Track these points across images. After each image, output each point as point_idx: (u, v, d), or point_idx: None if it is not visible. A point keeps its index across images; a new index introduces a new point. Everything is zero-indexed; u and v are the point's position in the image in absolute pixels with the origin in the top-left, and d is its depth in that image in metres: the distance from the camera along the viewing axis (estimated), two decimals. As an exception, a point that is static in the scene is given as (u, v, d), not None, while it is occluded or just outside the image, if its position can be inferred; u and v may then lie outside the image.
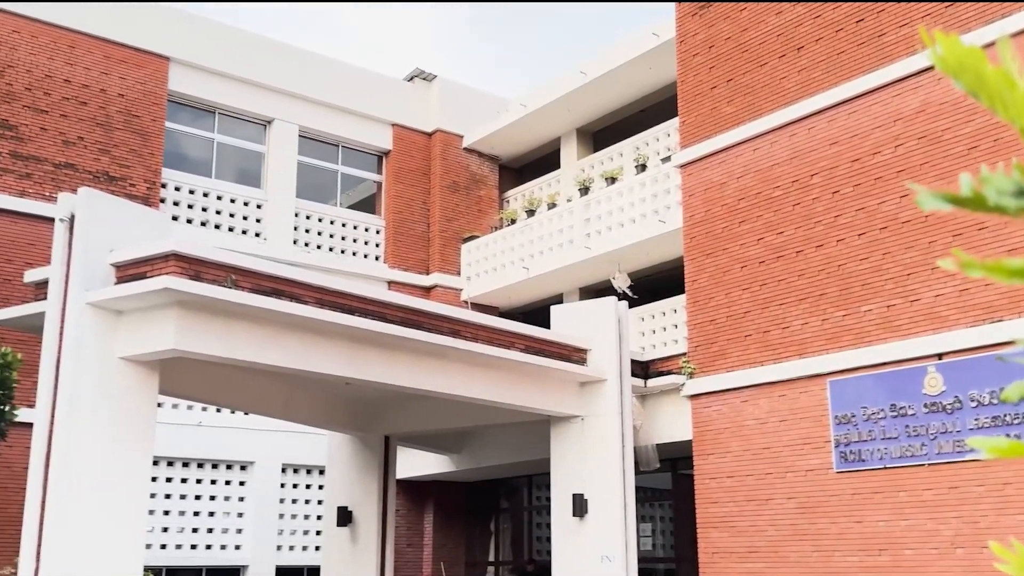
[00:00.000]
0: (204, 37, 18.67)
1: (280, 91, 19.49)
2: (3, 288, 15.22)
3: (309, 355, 10.56)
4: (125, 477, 9.53)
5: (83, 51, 17.16)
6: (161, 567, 16.66)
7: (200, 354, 9.83)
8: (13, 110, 16.23)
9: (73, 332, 9.37)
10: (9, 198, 15.94)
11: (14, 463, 14.06)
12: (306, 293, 10.32)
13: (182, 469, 17.69)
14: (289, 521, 18.78)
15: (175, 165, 18.26)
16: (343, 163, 20.77)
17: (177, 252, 9.33)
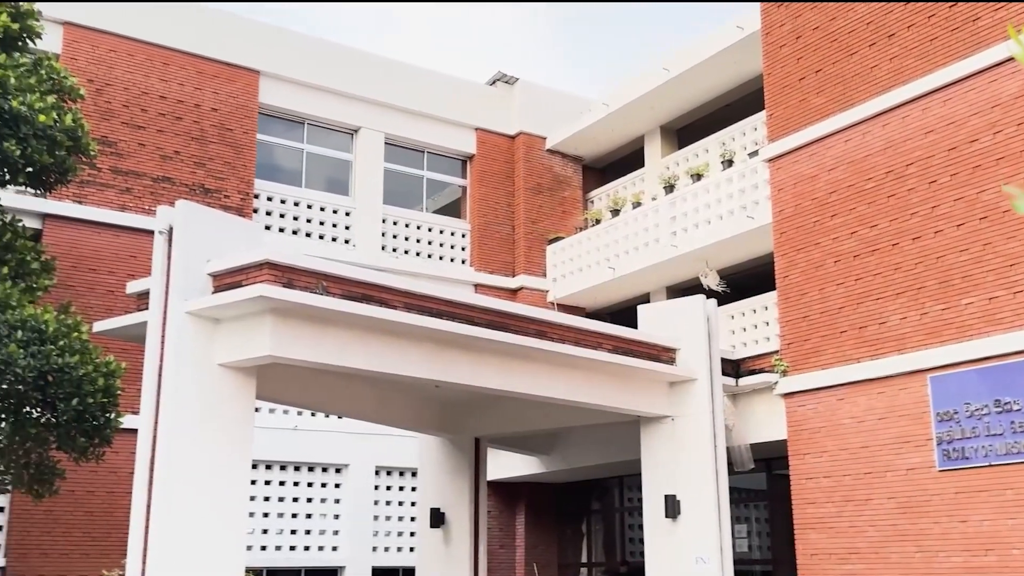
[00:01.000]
0: (292, 50, 19.10)
1: (366, 100, 19.82)
2: (107, 299, 15.82)
3: (398, 359, 10.70)
4: (226, 480, 9.79)
5: (177, 67, 17.73)
6: (262, 568, 17.08)
7: (294, 360, 10.05)
8: (112, 127, 16.86)
9: (173, 340, 9.67)
10: (111, 212, 16.56)
11: (120, 468, 14.60)
12: (394, 298, 10.46)
13: (279, 472, 18.12)
14: (384, 523, 19.05)
15: (267, 176, 18.73)
16: (428, 168, 21.00)
17: (270, 260, 9.55)
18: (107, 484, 15.38)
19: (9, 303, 10.75)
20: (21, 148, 11.01)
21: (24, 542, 15.03)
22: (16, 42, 11.99)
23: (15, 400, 10.85)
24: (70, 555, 15.22)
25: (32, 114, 10.99)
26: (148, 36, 17.49)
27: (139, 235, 16.02)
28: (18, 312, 10.69)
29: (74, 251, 16.04)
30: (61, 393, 10.68)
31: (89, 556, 15.16)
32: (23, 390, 10.60)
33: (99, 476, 14.94)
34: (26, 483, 11.95)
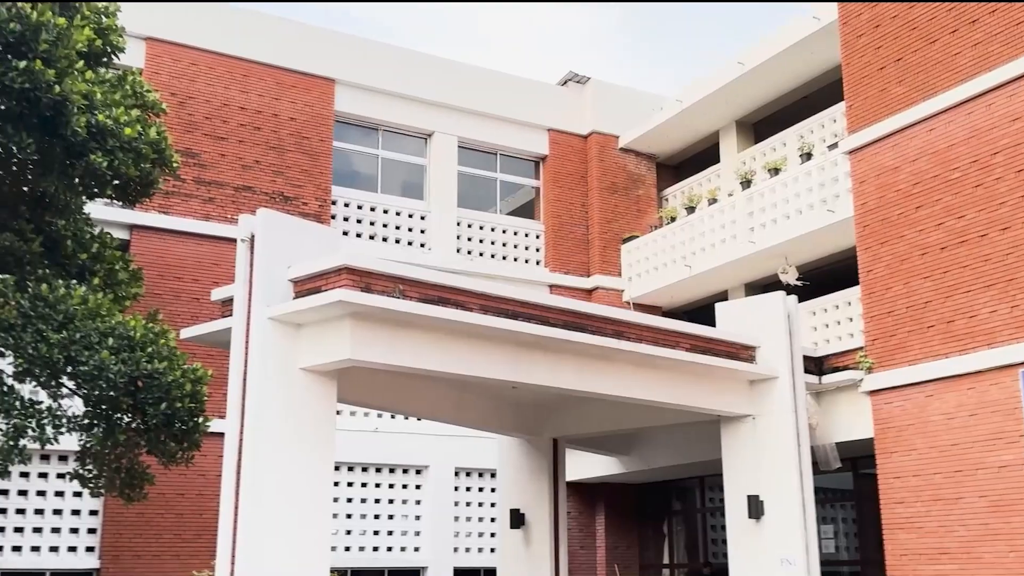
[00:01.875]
0: (366, 58, 19.37)
1: (439, 104, 19.98)
2: (192, 306, 16.25)
3: (475, 361, 10.75)
4: (310, 482, 9.95)
5: (256, 79, 18.14)
6: (346, 568, 17.34)
7: (373, 363, 10.17)
8: (195, 139, 17.32)
9: (257, 345, 9.87)
10: (195, 222, 17.02)
11: (208, 471, 14.98)
12: (470, 300, 10.51)
13: (361, 474, 18.37)
14: (464, 523, 19.17)
15: (343, 182, 19.03)
16: (501, 171, 21.07)
17: (348, 266, 9.69)
18: (196, 487, 15.79)
19: (99, 312, 11.11)
20: (108, 160, 11.37)
21: (117, 544, 15.53)
22: (101, 57, 12.39)
23: (107, 406, 11.21)
24: (161, 557, 15.67)
25: (118, 127, 11.34)
26: (228, 49, 17.93)
27: (222, 243, 16.41)
28: (108, 320, 11.04)
29: (160, 260, 16.51)
30: (150, 398, 10.99)
31: (179, 557, 15.58)
32: (114, 396, 10.95)
33: (188, 479, 15.35)
34: (118, 487, 12.33)
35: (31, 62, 10.26)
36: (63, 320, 10.79)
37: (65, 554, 15.47)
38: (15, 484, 15.35)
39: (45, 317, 10.71)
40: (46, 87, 10.36)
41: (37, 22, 10.35)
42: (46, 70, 10.33)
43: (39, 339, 10.55)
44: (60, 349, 10.58)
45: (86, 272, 12.61)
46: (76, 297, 11.03)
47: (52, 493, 15.60)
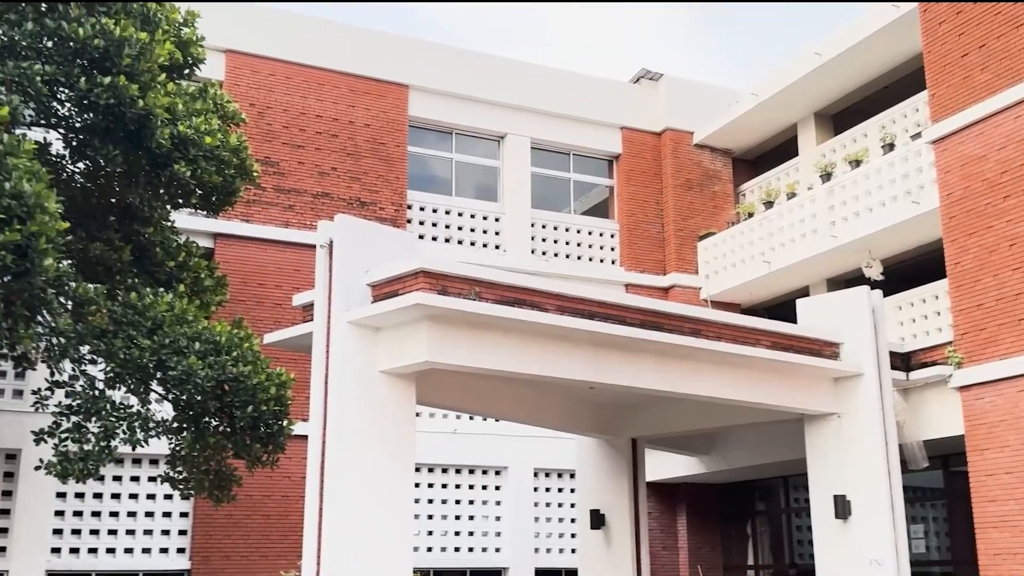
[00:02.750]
0: (438, 62, 19.53)
1: (511, 106, 20.04)
2: (275, 312, 16.58)
3: (552, 361, 10.74)
4: (392, 483, 10.06)
5: (331, 87, 18.44)
6: (429, 569, 17.49)
7: (450, 365, 10.24)
8: (274, 148, 17.68)
9: (337, 349, 10.03)
10: (275, 229, 17.37)
11: (293, 473, 15.27)
12: (546, 301, 10.51)
13: (441, 475, 18.51)
14: (544, 524, 19.17)
15: (418, 186, 19.21)
16: (575, 170, 21.03)
17: (425, 269, 9.78)
18: (282, 489, 16.11)
19: (186, 318, 11.42)
20: (191, 170, 11.68)
21: (207, 545, 15.93)
22: (182, 69, 12.74)
23: (195, 410, 11.52)
24: (249, 557, 16.02)
25: (199, 137, 11.65)
26: (304, 59, 18.27)
27: (302, 249, 16.72)
28: (195, 326, 11.35)
29: (243, 267, 16.90)
30: (237, 402, 11.26)
31: (267, 558, 15.92)
32: (202, 400, 11.24)
33: (274, 481, 15.67)
34: (207, 489, 12.66)
35: (115, 77, 10.60)
36: (152, 326, 11.13)
37: (157, 555, 15.94)
38: (109, 488, 15.87)
39: (135, 324, 11.05)
40: (130, 101, 10.69)
41: (120, 38, 10.68)
42: (130, 84, 10.66)
43: (130, 345, 10.90)
44: (150, 354, 10.91)
45: (173, 280, 12.98)
46: (164, 304, 11.36)
47: (144, 496, 16.08)
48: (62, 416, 11.26)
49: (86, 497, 15.69)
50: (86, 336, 10.84)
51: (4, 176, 8.89)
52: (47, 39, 10.68)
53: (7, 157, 9.02)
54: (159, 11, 11.93)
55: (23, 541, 15.00)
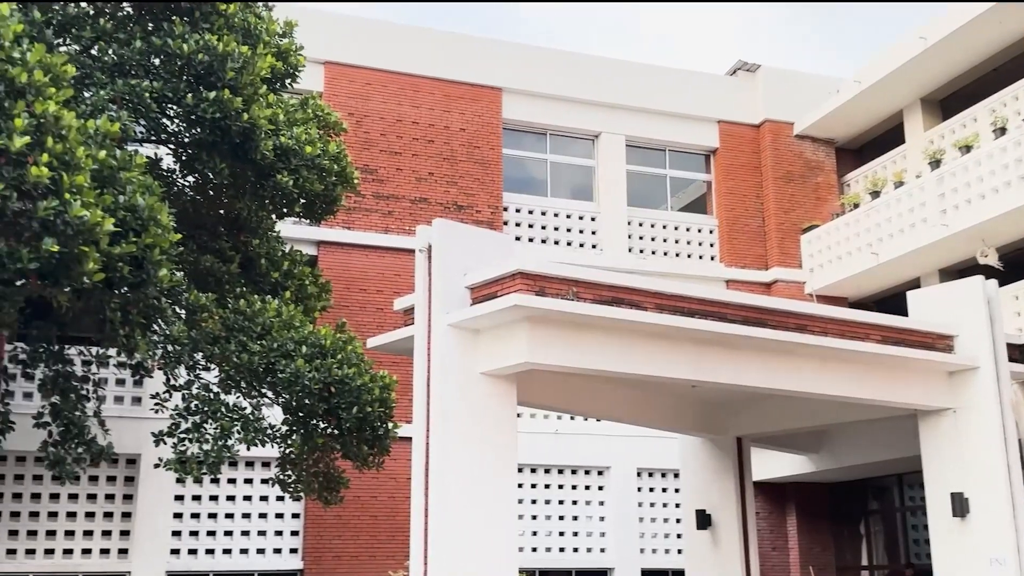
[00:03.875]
0: (531, 64, 19.60)
1: (605, 104, 19.97)
2: (377, 316, 16.88)
3: (653, 360, 10.63)
4: (495, 484, 10.12)
5: (426, 93, 18.69)
6: (534, 569, 17.54)
7: (550, 365, 10.24)
8: (372, 155, 18.01)
9: (438, 352, 10.14)
10: (375, 235, 17.70)
11: (399, 474, 15.51)
12: (645, 299, 10.41)
13: (544, 475, 18.53)
14: (649, 524, 19.00)
15: (514, 188, 19.30)
16: (671, 167, 20.81)
17: (522, 271, 9.80)
18: (388, 490, 16.38)
19: (292, 323, 11.74)
20: (294, 179, 12.00)
21: (318, 546, 16.31)
22: (283, 80, 13.10)
23: (304, 413, 11.82)
24: (359, 557, 16.34)
25: (300, 147, 11.95)
26: (398, 67, 18.58)
27: (402, 254, 16.99)
28: (301, 330, 11.66)
29: (345, 273, 17.27)
30: (343, 403, 11.52)
31: (376, 558, 16.20)
32: (310, 403, 11.53)
33: (381, 482, 15.95)
34: (316, 491, 12.96)
35: (220, 91, 10.96)
36: (261, 332, 11.49)
37: (271, 555, 16.39)
38: (224, 490, 16.40)
39: (245, 330, 11.42)
40: (235, 114, 11.03)
41: (223, 52, 11.04)
42: (234, 98, 11.00)
43: (241, 349, 11.27)
44: (260, 358, 11.26)
45: (279, 287, 13.36)
46: (271, 310, 11.70)
47: (258, 498, 16.56)
48: (180, 417, 11.70)
49: (203, 499, 16.24)
50: (200, 342, 11.23)
51: (119, 190, 9.27)
52: (154, 57, 11.11)
53: (120, 172, 9.40)
54: (259, 24, 12.29)
55: (144, 543, 15.62)
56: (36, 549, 15.28)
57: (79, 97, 10.22)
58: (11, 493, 15.35)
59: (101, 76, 10.79)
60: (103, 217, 8.52)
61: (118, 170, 9.40)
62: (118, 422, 14.28)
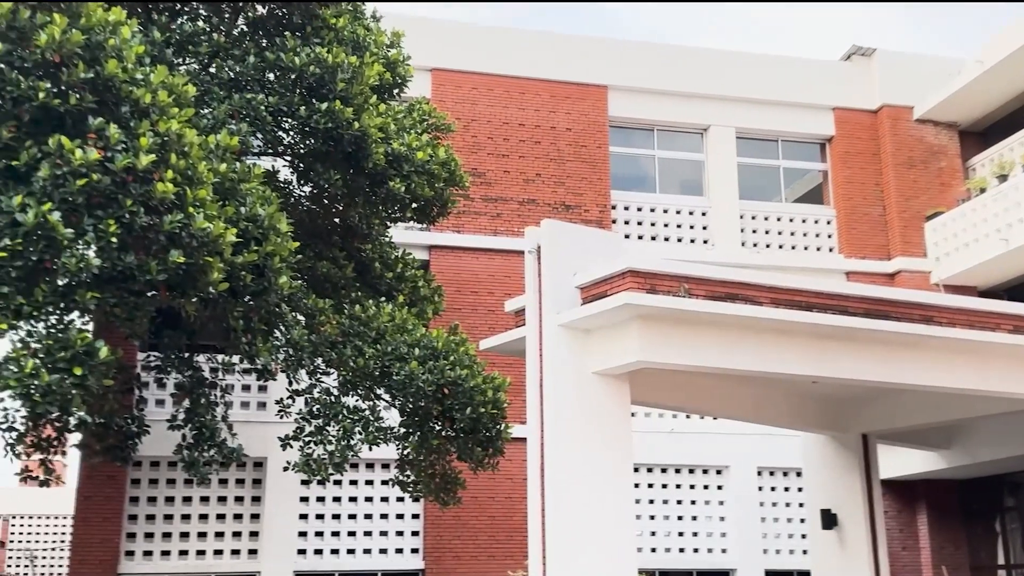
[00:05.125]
0: (636, 60, 19.45)
1: (713, 97, 19.65)
2: (488, 318, 17.01)
3: (770, 356, 10.40)
4: (611, 484, 10.07)
5: (532, 94, 18.76)
6: (654, 570, 17.36)
7: (663, 364, 10.13)
8: (479, 159, 18.17)
9: (550, 353, 10.15)
10: (485, 237, 17.85)
11: (515, 475, 15.59)
12: (760, 294, 10.19)
13: (661, 475, 18.33)
14: (772, 524, 18.58)
15: (622, 186, 19.17)
16: (784, 157, 20.31)
17: (632, 269, 9.72)
18: (505, 490, 16.49)
19: (406, 327, 11.95)
20: (405, 185, 12.22)
21: (438, 546, 16.54)
22: (392, 89, 13.36)
23: (419, 415, 12.02)
24: (478, 557, 16.50)
25: (411, 153, 12.17)
26: (503, 70, 18.70)
27: (511, 256, 17.08)
28: (414, 333, 11.87)
29: (457, 276, 17.47)
30: (456, 405, 11.66)
31: (495, 558, 16.33)
32: (424, 405, 11.72)
33: (497, 483, 16.06)
34: (434, 492, 13.15)
35: (331, 102, 11.24)
36: (376, 336, 11.74)
37: (393, 555, 16.71)
38: (346, 491, 16.80)
39: (360, 334, 11.69)
40: (346, 124, 11.30)
41: (333, 64, 11.33)
42: (344, 108, 11.27)
43: (358, 354, 11.54)
44: (375, 361, 11.51)
45: (392, 291, 13.62)
46: (385, 315, 11.95)
47: (379, 499, 16.91)
48: (304, 421, 12.05)
49: (326, 501, 16.68)
50: (319, 347, 11.55)
51: (239, 201, 9.62)
52: (268, 72, 11.49)
53: (240, 184, 9.75)
54: (367, 36, 12.56)
55: (272, 543, 16.14)
56: (171, 551, 15.96)
57: (198, 112, 10.63)
58: (146, 496, 16.09)
59: (219, 91, 11.21)
60: (225, 228, 8.84)
61: (238, 182, 9.75)
62: (245, 426, 14.79)
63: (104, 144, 8.25)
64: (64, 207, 8.10)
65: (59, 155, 8.07)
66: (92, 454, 12.25)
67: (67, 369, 8.28)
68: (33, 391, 8.11)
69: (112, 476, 15.51)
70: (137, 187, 8.36)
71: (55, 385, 8.14)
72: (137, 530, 15.90)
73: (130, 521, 15.91)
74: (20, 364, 8.12)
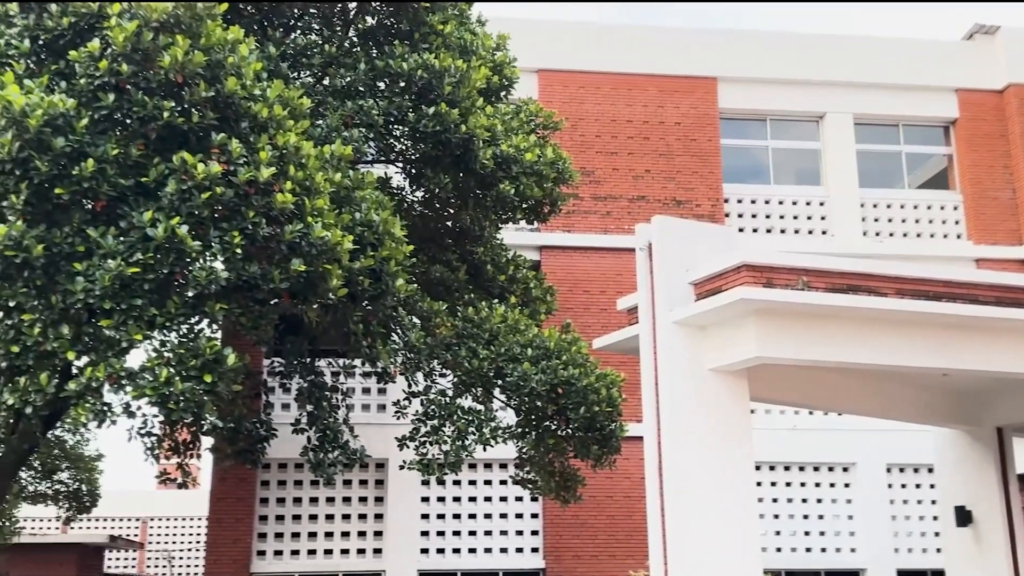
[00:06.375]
0: (746, 50, 19.09)
1: (828, 83, 19.13)
2: (601, 317, 16.96)
3: (895, 349, 10.04)
4: (731, 482, 9.90)
5: (639, 90, 18.61)
6: (780, 570, 17.00)
7: (782, 359, 9.90)
8: (588, 157, 18.13)
9: (664, 350, 10.05)
10: (595, 236, 17.81)
11: (632, 474, 15.51)
12: (883, 285, 9.85)
13: (784, 473, 17.92)
14: (903, 523, 17.94)
15: (734, 179, 18.84)
16: (905, 142, 19.60)
17: (747, 263, 9.54)
18: (623, 489, 16.41)
19: (518, 327, 12.02)
20: (515, 187, 12.30)
21: (558, 545, 16.58)
22: (499, 92, 13.47)
23: (535, 415, 12.08)
24: (598, 557, 16.46)
25: (519, 154, 12.24)
26: (611, 67, 18.63)
27: (622, 254, 16.99)
28: (526, 334, 11.93)
29: (568, 276, 17.48)
30: (570, 403, 11.67)
31: (615, 557, 16.27)
32: (539, 404, 11.77)
33: (615, 482, 16.00)
34: (553, 490, 13.19)
35: (439, 106, 11.41)
36: (489, 337, 11.85)
37: (514, 555, 16.82)
38: (466, 491, 17.01)
39: (474, 336, 11.83)
40: (454, 127, 11.45)
41: (440, 68, 11.49)
42: (451, 111, 11.42)
43: (472, 355, 11.67)
44: (489, 362, 11.62)
45: (505, 293, 13.72)
46: (497, 316, 12.05)
47: (497, 498, 17.06)
48: (420, 421, 12.27)
49: (447, 501, 16.93)
50: (435, 349, 11.74)
51: (355, 208, 9.86)
52: (378, 79, 11.74)
53: (355, 191, 9.99)
54: (474, 41, 12.70)
55: (396, 543, 16.48)
56: (299, 550, 16.47)
57: (313, 123, 10.94)
58: (275, 498, 16.64)
59: (332, 101, 11.51)
60: (343, 236, 9.08)
61: (353, 190, 10.00)
62: (366, 428, 15.12)
63: (226, 159, 8.58)
64: (191, 220, 8.45)
65: (184, 171, 8.43)
66: (224, 457, 12.73)
67: (198, 376, 8.63)
68: (168, 398, 8.48)
69: (243, 478, 16.11)
70: (258, 199, 8.66)
71: (188, 392, 8.50)
72: (267, 530, 16.47)
73: (260, 521, 16.49)
74: (155, 373, 8.51)
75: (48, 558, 19.20)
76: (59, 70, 8.85)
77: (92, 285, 8.19)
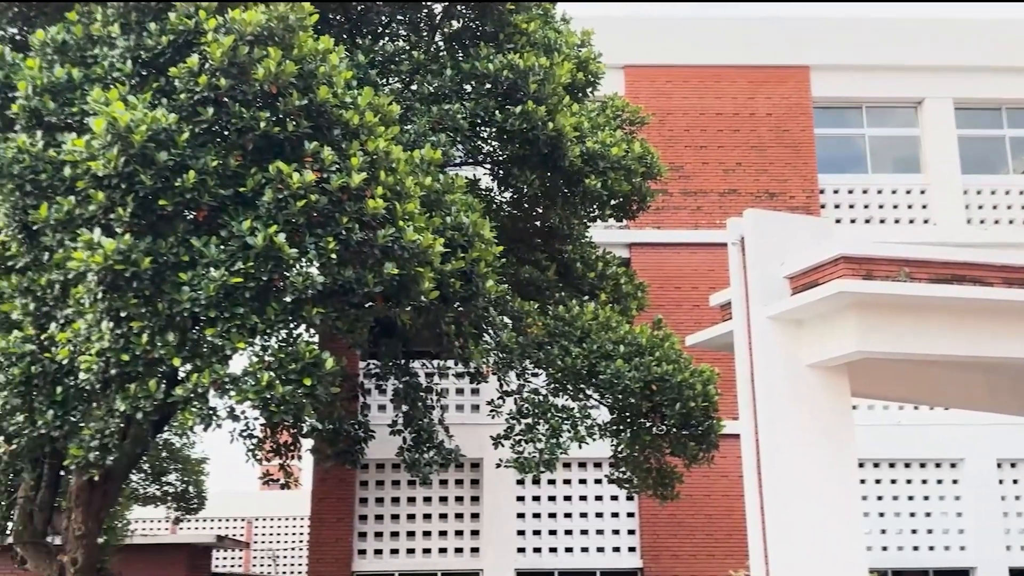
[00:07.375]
0: (839, 37, 18.66)
1: (925, 68, 18.55)
2: (693, 313, 16.77)
3: (1003, 341, 9.66)
4: (833, 480, 9.68)
5: (728, 82, 18.33)
6: (886, 569, 16.56)
7: (884, 353, 9.63)
8: (677, 152, 17.94)
9: (759, 346, 9.87)
10: (685, 232, 17.62)
11: (730, 472, 15.28)
12: (990, 274, 9.50)
13: (888, 470, 17.43)
14: (1015, 519, 17.26)
15: (828, 169, 18.41)
16: (1009, 126, 18.86)
17: (845, 255, 9.31)
18: (721, 487, 16.19)
19: (610, 324, 11.98)
20: (602, 182, 12.26)
21: (655, 544, 16.46)
22: (585, 88, 13.44)
23: (629, 412, 12.02)
24: (697, 556, 16.28)
25: (605, 149, 12.19)
26: (698, 60, 18.40)
27: (713, 249, 16.76)
28: (618, 331, 11.87)
29: (659, 272, 17.33)
30: (665, 400, 11.58)
31: (714, 557, 16.06)
32: (633, 402, 11.70)
33: (712, 480, 15.80)
34: (651, 487, 13.10)
35: (525, 104, 11.44)
36: (581, 335, 11.84)
37: (611, 554, 16.76)
38: (561, 490, 17.02)
39: (566, 334, 11.83)
40: (540, 125, 11.47)
41: (525, 67, 11.52)
42: (537, 108, 11.44)
43: (564, 353, 11.68)
44: (582, 360, 11.61)
45: (594, 290, 13.68)
46: (588, 313, 12.02)
47: (593, 497, 17.02)
48: (514, 420, 12.33)
49: (542, 500, 16.96)
50: (527, 348, 11.78)
51: (445, 211, 9.97)
52: (465, 82, 11.84)
53: (445, 195, 10.10)
54: (558, 38, 12.69)
55: (492, 542, 16.59)
56: (399, 549, 16.72)
57: (403, 129, 11.10)
58: (374, 498, 16.93)
59: (420, 107, 11.66)
60: (434, 239, 9.19)
61: (443, 193, 10.10)
62: (460, 428, 15.28)
63: (319, 166, 8.76)
64: (287, 228, 8.66)
65: (280, 180, 8.64)
66: (324, 458, 13.01)
67: (298, 380, 8.84)
68: (269, 401, 8.71)
69: (343, 479, 16.45)
70: (351, 205, 8.82)
71: (288, 395, 8.71)
72: (367, 529, 16.77)
73: (360, 521, 16.80)
74: (257, 377, 8.74)
75: (158, 558, 19.89)
76: (160, 87, 9.16)
77: (197, 294, 8.46)
